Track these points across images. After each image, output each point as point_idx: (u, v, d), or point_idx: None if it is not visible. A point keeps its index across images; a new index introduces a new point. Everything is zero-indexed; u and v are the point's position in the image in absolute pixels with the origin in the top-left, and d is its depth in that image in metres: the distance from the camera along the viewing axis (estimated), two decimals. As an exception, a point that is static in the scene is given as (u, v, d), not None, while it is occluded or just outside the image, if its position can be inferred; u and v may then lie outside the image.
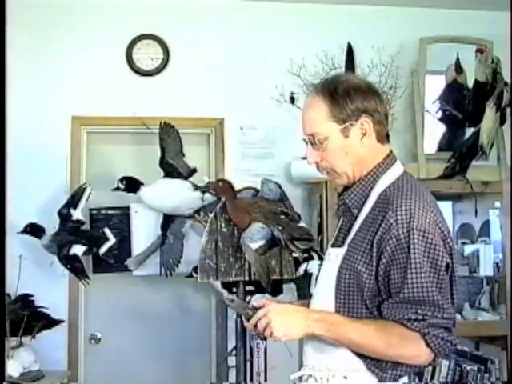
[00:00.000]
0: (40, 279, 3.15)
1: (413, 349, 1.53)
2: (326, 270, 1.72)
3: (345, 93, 1.64)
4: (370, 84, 1.71)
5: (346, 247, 1.66)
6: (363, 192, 1.67)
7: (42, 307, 2.91)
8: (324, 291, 1.69)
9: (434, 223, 1.56)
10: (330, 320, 1.58)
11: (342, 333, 1.56)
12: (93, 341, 3.38)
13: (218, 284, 2.94)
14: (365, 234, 1.62)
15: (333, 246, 1.76)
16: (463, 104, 3.50)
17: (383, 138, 1.69)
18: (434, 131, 3.59)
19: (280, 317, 1.59)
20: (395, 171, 1.68)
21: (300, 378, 1.69)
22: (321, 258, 2.87)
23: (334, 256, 1.69)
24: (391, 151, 1.72)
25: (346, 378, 1.59)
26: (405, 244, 1.54)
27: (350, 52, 3.40)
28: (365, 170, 1.68)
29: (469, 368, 3.06)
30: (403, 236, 1.54)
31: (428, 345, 1.51)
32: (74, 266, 3.06)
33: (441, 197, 1.72)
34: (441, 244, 1.55)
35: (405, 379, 1.60)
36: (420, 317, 1.50)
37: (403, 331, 1.52)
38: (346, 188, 1.73)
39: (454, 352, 1.54)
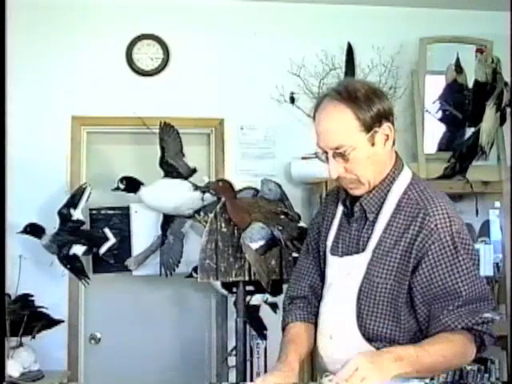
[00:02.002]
0: (40, 279, 3.15)
1: (471, 350, 1.57)
2: (340, 278, 1.68)
3: (366, 98, 1.58)
4: (376, 87, 1.69)
5: (369, 254, 1.63)
6: (380, 196, 1.65)
7: (41, 307, 2.90)
8: (343, 301, 1.67)
9: (464, 224, 1.61)
10: (407, 355, 1.50)
11: (421, 363, 1.50)
12: (93, 341, 3.38)
13: (217, 284, 2.95)
14: (396, 239, 1.60)
15: (339, 254, 1.71)
16: (463, 104, 3.49)
17: (394, 140, 1.67)
18: (434, 131, 3.59)
19: (370, 374, 1.44)
20: (406, 173, 1.69)
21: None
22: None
23: (355, 264, 1.65)
24: (397, 154, 1.73)
25: None
26: (448, 248, 1.56)
27: (350, 52, 3.40)
28: (383, 175, 1.67)
29: (469, 368, 3.06)
30: (445, 240, 1.56)
31: (481, 342, 1.57)
32: (74, 266, 3.06)
33: (441, 197, 1.74)
34: (472, 243, 1.61)
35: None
36: (489, 318, 1.56)
37: (464, 336, 1.55)
38: (347, 194, 1.72)
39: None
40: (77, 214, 3.08)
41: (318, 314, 1.77)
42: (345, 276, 1.67)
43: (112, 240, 3.13)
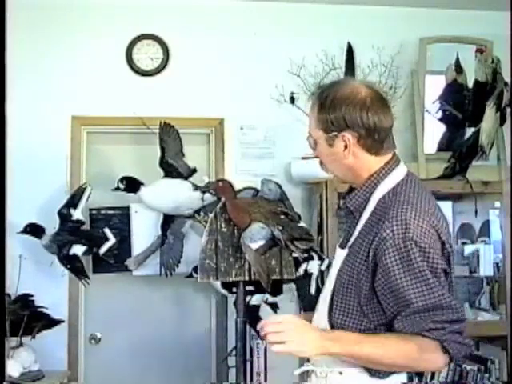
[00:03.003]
0: (40, 279, 3.15)
1: (432, 358, 1.54)
2: (331, 271, 1.75)
3: (331, 103, 1.65)
4: (367, 94, 1.64)
5: (346, 250, 1.68)
6: (363, 197, 1.68)
7: (42, 307, 2.90)
8: (326, 293, 1.73)
9: (433, 229, 1.56)
10: (346, 338, 1.57)
11: (358, 350, 1.54)
12: (93, 341, 3.38)
13: (217, 284, 2.94)
14: (363, 240, 1.63)
15: (339, 246, 1.78)
16: (463, 104, 3.49)
17: (378, 149, 1.66)
18: (434, 131, 3.59)
19: (298, 332, 1.55)
20: (396, 175, 1.68)
21: (303, 374, 1.73)
22: (321, 258, 2.87)
23: (338, 257, 1.72)
24: (393, 156, 1.71)
25: (341, 373, 1.63)
26: (401, 255, 1.54)
27: (350, 52, 3.40)
28: (360, 177, 1.69)
29: (469, 368, 3.06)
30: (398, 247, 1.54)
31: (446, 351, 1.52)
32: (74, 266, 3.06)
33: (441, 197, 1.73)
34: (437, 250, 1.56)
35: (397, 375, 1.61)
36: (439, 325, 1.51)
37: (422, 342, 1.52)
38: (351, 189, 1.75)
39: (469, 354, 1.57)
40: (77, 214, 3.08)
41: None
42: (333, 267, 1.74)
43: (112, 240, 3.12)
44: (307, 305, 2.85)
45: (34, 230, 3.05)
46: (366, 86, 1.67)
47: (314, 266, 2.82)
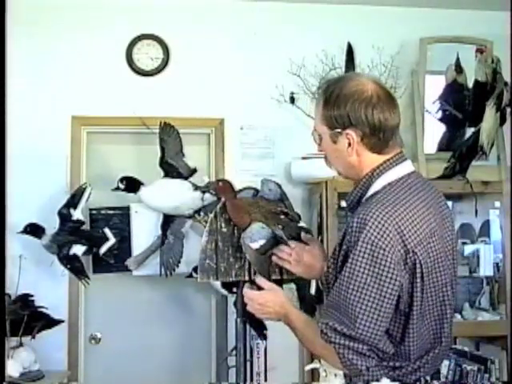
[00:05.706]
0: (40, 279, 3.16)
1: (332, 355, 1.57)
2: None
3: (336, 100, 1.62)
4: (373, 92, 1.61)
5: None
6: (360, 194, 1.68)
7: (42, 307, 2.91)
8: None
9: (398, 235, 1.51)
10: (294, 317, 1.73)
11: (293, 328, 1.73)
12: (93, 341, 3.38)
13: (217, 284, 2.94)
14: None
15: None
16: (463, 104, 3.49)
17: (381, 148, 1.64)
18: (434, 131, 3.59)
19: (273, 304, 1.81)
20: (395, 174, 1.64)
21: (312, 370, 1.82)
22: (321, 258, 2.87)
23: None
24: (396, 154, 1.66)
25: (336, 375, 1.65)
26: (349, 250, 1.55)
27: (350, 52, 3.40)
28: (362, 175, 1.67)
29: (469, 368, 3.06)
30: (350, 245, 1.55)
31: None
32: (73, 266, 3.06)
33: (441, 197, 1.72)
34: (393, 256, 1.50)
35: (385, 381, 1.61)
36: (338, 327, 1.53)
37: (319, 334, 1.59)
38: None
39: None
40: (77, 214, 3.08)
41: None
42: None
43: (112, 240, 3.13)
44: (307, 305, 2.85)
45: (34, 230, 3.05)
46: (373, 82, 1.64)
47: (314, 266, 2.81)
